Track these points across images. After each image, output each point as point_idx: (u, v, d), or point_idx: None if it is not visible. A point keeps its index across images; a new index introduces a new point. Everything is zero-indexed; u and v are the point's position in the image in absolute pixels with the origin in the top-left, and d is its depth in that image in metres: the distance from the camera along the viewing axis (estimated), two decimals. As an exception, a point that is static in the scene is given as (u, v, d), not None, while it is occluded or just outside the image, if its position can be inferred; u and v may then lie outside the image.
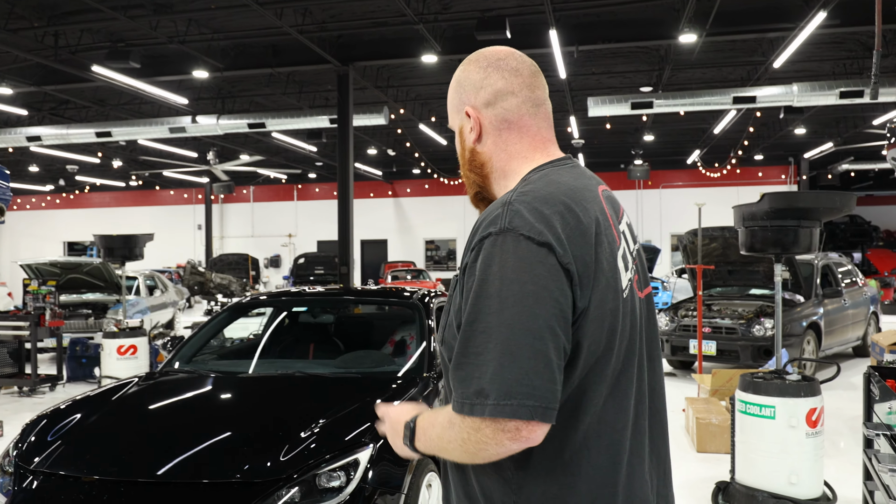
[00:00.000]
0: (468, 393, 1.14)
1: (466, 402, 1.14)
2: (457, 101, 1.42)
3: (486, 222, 1.23)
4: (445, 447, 1.22)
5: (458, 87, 1.42)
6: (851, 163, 23.91)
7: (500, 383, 1.11)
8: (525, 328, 1.12)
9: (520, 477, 1.22)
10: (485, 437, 1.13)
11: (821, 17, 9.95)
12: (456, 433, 1.17)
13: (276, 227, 32.18)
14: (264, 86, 15.96)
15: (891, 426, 2.19)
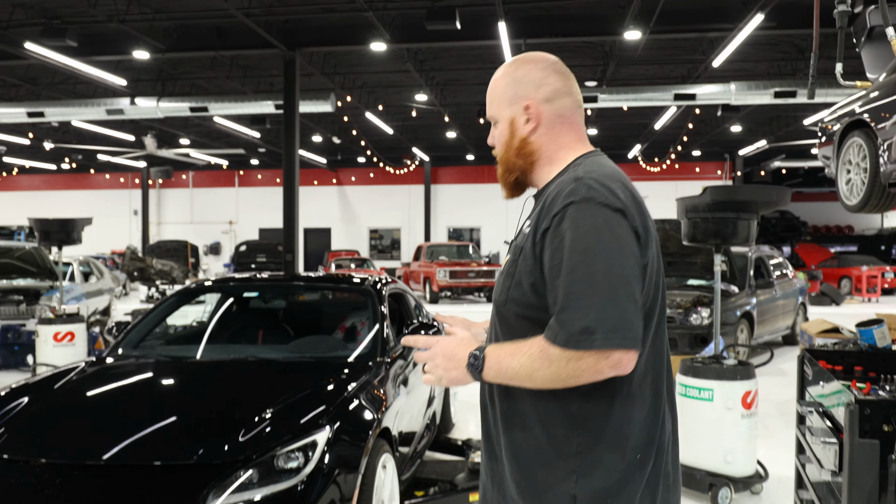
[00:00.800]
0: (574, 331, 1.34)
1: (572, 338, 1.34)
2: (511, 94, 1.61)
3: (563, 194, 1.44)
4: (530, 374, 1.40)
5: (513, 83, 1.61)
6: (783, 160, 24.92)
7: (604, 321, 1.33)
8: (618, 276, 1.36)
9: (585, 410, 1.43)
10: (584, 366, 1.35)
11: (758, 20, 10.34)
12: (551, 363, 1.37)
13: (217, 213, 31.54)
14: (207, 69, 15.61)
15: (822, 403, 2.35)
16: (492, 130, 1.70)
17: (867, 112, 5.33)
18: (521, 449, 1.51)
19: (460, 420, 6.16)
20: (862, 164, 5.46)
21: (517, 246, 1.55)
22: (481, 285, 18.79)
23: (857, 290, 19.33)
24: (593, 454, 1.43)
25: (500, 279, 1.60)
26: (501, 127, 1.65)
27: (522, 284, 1.50)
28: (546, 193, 1.55)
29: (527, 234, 1.52)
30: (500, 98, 1.64)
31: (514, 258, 1.54)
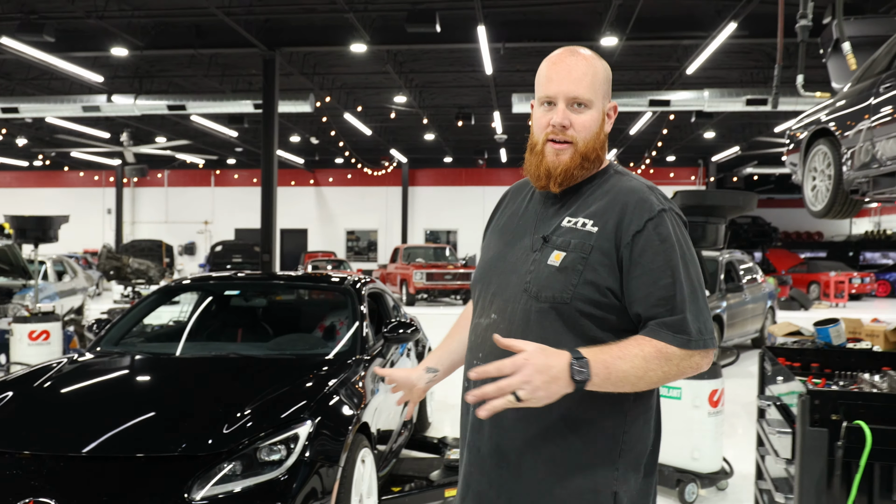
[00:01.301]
0: (694, 332, 1.46)
1: (693, 339, 1.46)
2: (606, 88, 1.62)
3: (648, 201, 1.53)
4: (642, 376, 1.43)
5: (607, 80, 1.63)
6: (755, 167, 25.39)
7: (708, 323, 1.50)
8: (702, 284, 1.53)
9: (635, 409, 1.53)
10: (694, 364, 1.47)
11: (731, 28, 10.59)
12: (668, 362, 1.45)
13: (192, 213, 31.29)
14: (185, 67, 15.54)
15: (779, 397, 2.49)
16: (566, 112, 1.57)
17: (832, 121, 5.54)
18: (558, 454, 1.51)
19: (436, 420, 6.26)
20: (827, 171, 5.67)
21: (579, 243, 1.52)
22: (458, 287, 18.89)
23: (826, 295, 19.76)
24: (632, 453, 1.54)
25: (552, 274, 1.52)
26: (594, 115, 1.59)
27: (597, 283, 1.49)
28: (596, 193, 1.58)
29: (593, 232, 1.51)
30: (600, 85, 1.59)
31: (580, 255, 1.51)
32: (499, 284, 1.62)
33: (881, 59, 5.23)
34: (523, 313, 1.54)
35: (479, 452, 1.60)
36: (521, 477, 1.52)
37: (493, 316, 1.60)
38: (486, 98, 18.07)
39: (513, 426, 1.54)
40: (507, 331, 1.53)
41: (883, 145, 4.81)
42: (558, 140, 1.57)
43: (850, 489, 1.91)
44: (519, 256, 1.61)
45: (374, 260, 30.52)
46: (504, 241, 1.68)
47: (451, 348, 1.85)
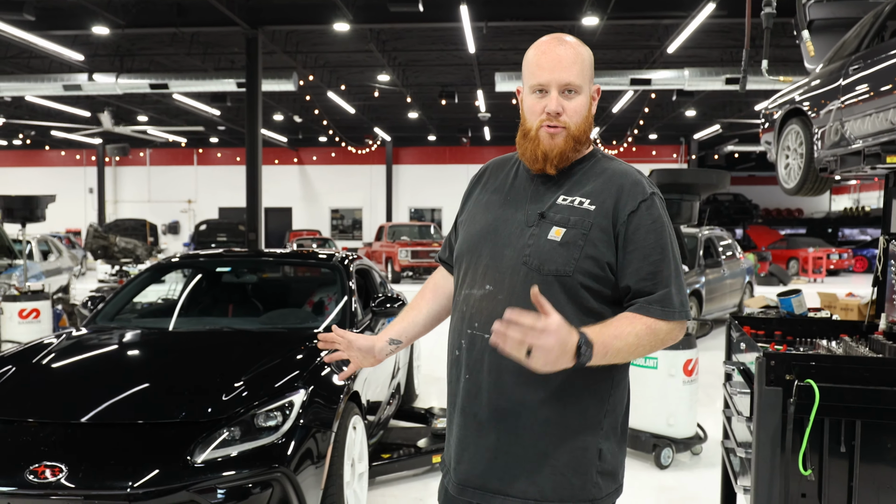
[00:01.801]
0: (677, 304, 1.63)
1: (677, 311, 1.63)
2: (590, 75, 1.72)
3: (641, 184, 1.68)
4: (632, 352, 1.59)
5: (591, 67, 1.73)
6: (736, 144, 25.66)
7: (685, 296, 1.67)
8: (680, 260, 1.70)
9: (618, 375, 1.70)
10: (673, 335, 1.64)
11: (710, 8, 10.73)
12: (656, 336, 1.61)
13: (175, 192, 31.13)
14: (167, 45, 15.44)
15: (742, 362, 2.68)
16: (559, 98, 1.67)
17: (805, 101, 5.72)
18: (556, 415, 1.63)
19: (423, 392, 6.45)
20: (799, 149, 5.86)
21: (578, 220, 1.64)
22: (443, 265, 19.05)
23: (804, 270, 20.15)
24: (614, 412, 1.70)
25: (554, 248, 1.62)
26: (583, 100, 1.69)
27: (597, 258, 1.62)
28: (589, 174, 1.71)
29: (591, 210, 1.64)
30: (588, 71, 1.70)
31: (580, 231, 1.63)
32: (492, 256, 1.68)
33: (851, 41, 5.41)
34: (523, 285, 1.60)
35: (476, 417, 1.67)
36: (518, 439, 1.62)
37: (489, 287, 1.66)
38: (470, 76, 18.11)
39: (512, 391, 1.62)
40: (507, 301, 1.59)
41: (851, 125, 5.00)
42: (552, 125, 1.66)
43: (802, 442, 2.11)
44: (513, 231, 1.67)
45: (359, 238, 30.60)
46: (493, 214, 1.73)
47: (416, 320, 1.93)
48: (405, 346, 1.94)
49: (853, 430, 2.13)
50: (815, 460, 2.16)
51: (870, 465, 2.13)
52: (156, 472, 2.67)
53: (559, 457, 1.62)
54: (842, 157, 5.01)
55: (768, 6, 4.03)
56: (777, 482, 2.14)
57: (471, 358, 1.68)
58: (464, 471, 1.71)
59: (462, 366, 1.71)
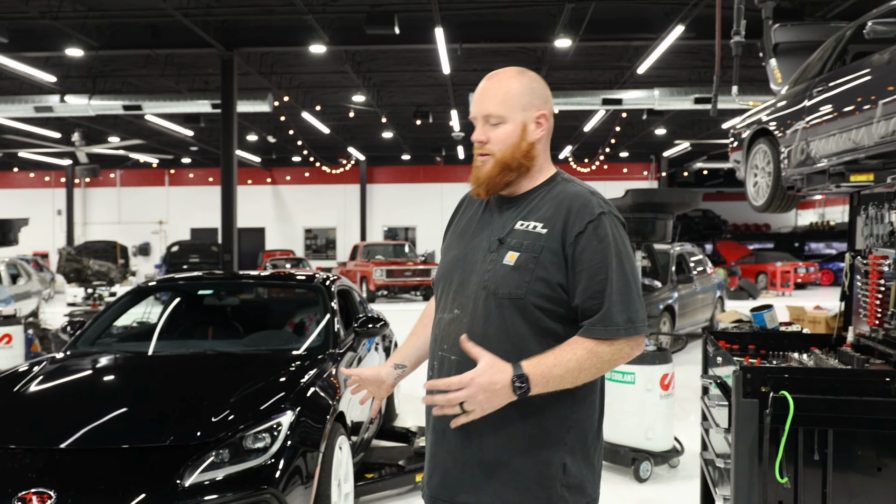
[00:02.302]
0: (622, 321, 1.64)
1: (621, 327, 1.63)
2: (525, 101, 1.77)
3: (591, 204, 1.71)
4: (576, 377, 1.63)
5: (529, 92, 1.78)
6: (704, 161, 26.17)
7: (638, 312, 1.67)
8: (636, 277, 1.72)
9: (581, 392, 1.71)
10: (624, 353, 1.66)
11: (679, 30, 11.03)
12: (599, 359, 1.63)
13: (146, 213, 30.83)
14: (141, 66, 15.40)
15: (719, 375, 2.78)
16: (483, 128, 1.78)
17: (771, 121, 5.92)
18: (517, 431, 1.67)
19: (403, 411, 6.48)
20: (767, 168, 6.05)
21: (531, 244, 1.70)
22: (418, 283, 19.09)
23: (773, 284, 20.55)
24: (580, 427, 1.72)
25: (508, 273, 1.70)
26: (510, 128, 1.76)
27: (548, 280, 1.68)
28: (545, 198, 1.76)
29: (543, 234, 1.70)
30: (514, 101, 1.76)
31: (531, 255, 1.69)
32: (460, 282, 1.79)
33: (815, 64, 5.62)
34: (484, 308, 1.71)
35: (445, 434, 1.75)
36: (483, 454, 1.69)
37: (456, 311, 1.77)
38: (444, 96, 18.30)
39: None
40: (469, 325, 1.72)
41: (816, 145, 5.19)
42: (482, 153, 1.78)
43: (778, 451, 2.20)
44: (477, 257, 1.77)
45: (333, 258, 30.52)
46: (463, 242, 1.84)
47: (417, 344, 2.00)
48: (410, 371, 2.00)
49: (826, 439, 2.23)
50: (790, 469, 2.25)
51: (842, 472, 2.23)
52: (144, 496, 2.68)
53: (522, 470, 1.68)
54: (808, 175, 5.19)
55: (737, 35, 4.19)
56: (755, 491, 2.23)
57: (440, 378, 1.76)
58: (434, 484, 1.79)
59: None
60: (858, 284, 2.86)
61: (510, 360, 1.64)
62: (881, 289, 2.62)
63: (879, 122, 4.47)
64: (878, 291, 2.66)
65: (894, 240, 2.52)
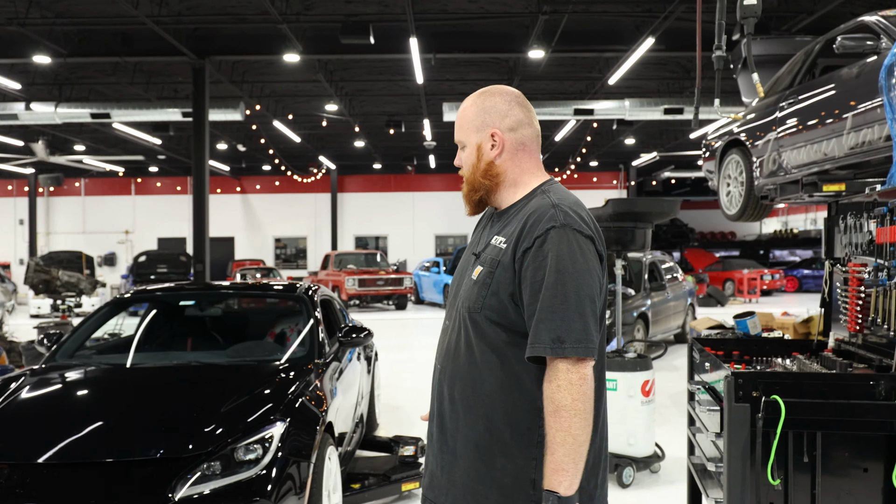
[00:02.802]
0: (548, 340, 1.57)
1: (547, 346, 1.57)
2: (479, 122, 1.80)
3: (544, 218, 1.66)
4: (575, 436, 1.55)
5: (481, 112, 1.80)
6: (672, 171, 26.61)
7: (568, 333, 1.57)
8: (586, 294, 1.60)
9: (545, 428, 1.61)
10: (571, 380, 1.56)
11: (649, 42, 11.23)
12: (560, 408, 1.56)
13: (112, 222, 30.34)
14: (109, 74, 15.19)
15: (706, 381, 2.84)
16: (459, 153, 1.87)
17: (743, 132, 6.07)
18: (483, 440, 1.69)
19: (384, 421, 6.47)
20: (739, 178, 6.20)
21: (492, 259, 1.72)
22: (390, 293, 19.07)
23: (740, 291, 20.94)
24: None
25: (471, 287, 1.74)
26: (469, 151, 1.82)
27: (500, 294, 1.67)
28: (518, 213, 1.74)
29: (502, 249, 1.70)
30: (469, 125, 1.81)
31: (489, 269, 1.71)
32: (454, 295, 1.86)
33: (785, 77, 5.79)
34: (457, 321, 1.78)
35: (432, 438, 1.83)
36: (456, 461, 1.74)
37: (447, 322, 1.86)
38: (416, 106, 18.35)
39: (449, 416, 1.77)
40: (450, 336, 1.81)
41: (787, 155, 5.34)
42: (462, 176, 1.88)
43: (770, 454, 2.26)
44: (468, 272, 1.82)
45: (304, 267, 30.33)
46: (466, 257, 1.90)
47: None
48: None
49: (814, 442, 2.30)
50: (780, 471, 2.32)
51: (830, 473, 2.31)
52: (136, 509, 2.65)
53: (489, 482, 1.69)
54: (781, 185, 5.33)
55: (719, 49, 4.30)
56: (748, 493, 2.29)
57: (434, 386, 1.87)
58: (425, 486, 1.87)
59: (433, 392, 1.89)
60: (838, 291, 2.95)
61: (474, 372, 1.70)
62: (861, 295, 2.71)
63: (849, 134, 4.62)
64: (858, 298, 2.74)
65: (874, 248, 2.61)
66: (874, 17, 4.64)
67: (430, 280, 20.08)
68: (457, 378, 1.76)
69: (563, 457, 1.55)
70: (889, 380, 2.28)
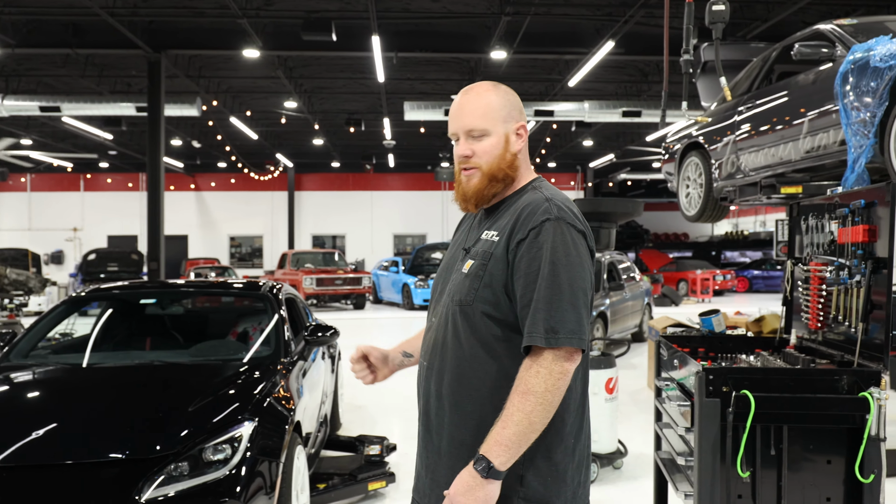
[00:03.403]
0: (541, 330, 1.58)
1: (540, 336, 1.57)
2: (506, 113, 1.80)
3: (538, 211, 1.68)
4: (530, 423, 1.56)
5: (508, 104, 1.81)
6: (628, 173, 27.07)
7: (562, 324, 1.58)
8: (579, 287, 1.62)
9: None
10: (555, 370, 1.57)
11: (609, 46, 11.41)
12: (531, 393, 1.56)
13: (59, 219, 29.48)
14: (59, 66, 14.73)
15: (674, 378, 2.90)
16: (467, 142, 1.79)
17: (702, 136, 6.21)
18: (469, 438, 1.67)
19: (347, 420, 6.43)
20: (698, 180, 6.34)
21: (484, 252, 1.73)
22: (348, 292, 18.94)
23: (693, 291, 21.41)
24: (542, 440, 1.62)
25: (462, 280, 1.74)
26: (493, 140, 1.77)
27: (493, 286, 1.68)
28: (510, 208, 1.76)
29: (495, 242, 1.72)
30: (495, 114, 1.78)
31: (482, 262, 1.72)
32: (440, 293, 1.85)
33: (743, 82, 5.94)
34: (446, 316, 1.77)
35: (421, 437, 1.83)
36: (442, 459, 1.73)
37: (433, 320, 1.84)
38: (376, 104, 18.28)
39: (436, 414, 1.77)
40: (436, 333, 1.79)
41: (745, 158, 5.48)
42: (466, 167, 1.79)
43: (739, 447, 2.32)
44: (455, 267, 1.83)
45: (260, 266, 29.94)
46: (451, 254, 1.90)
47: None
48: (414, 364, 2.03)
49: (781, 435, 2.37)
50: (749, 464, 2.38)
51: (796, 465, 2.38)
52: (100, 512, 2.58)
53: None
54: (740, 187, 5.47)
55: (686, 53, 4.39)
56: (718, 485, 2.34)
57: (420, 383, 1.86)
58: (413, 487, 1.87)
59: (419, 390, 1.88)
60: (800, 290, 3.04)
61: (463, 367, 1.69)
62: (823, 294, 2.80)
63: (805, 138, 4.77)
64: (819, 297, 2.83)
65: (835, 248, 2.69)
66: (829, 25, 4.79)
67: (388, 279, 20.02)
68: (444, 373, 1.75)
69: (513, 435, 1.56)
70: (852, 374, 2.36)
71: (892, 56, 3.82)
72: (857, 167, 4.10)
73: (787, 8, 10.34)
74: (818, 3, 10.58)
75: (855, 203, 2.55)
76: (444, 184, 28.31)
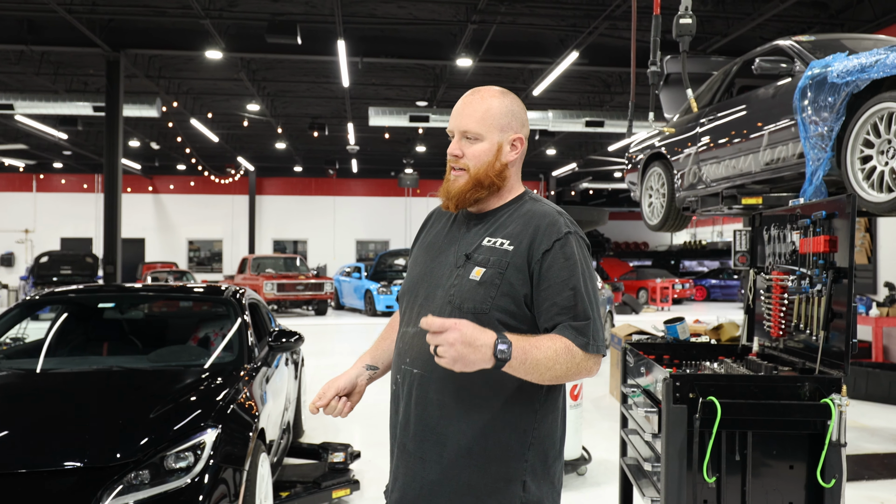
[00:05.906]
0: (590, 338, 1.67)
1: (592, 344, 1.66)
2: (504, 122, 1.80)
3: (559, 223, 1.75)
4: (551, 366, 1.61)
5: (509, 114, 1.80)
6: (590, 182, 27.40)
7: (601, 333, 1.71)
8: (598, 298, 1.75)
9: (543, 409, 1.73)
10: (588, 366, 1.68)
11: (573, 56, 11.55)
12: (573, 358, 1.64)
13: (10, 220, 28.62)
14: (13, 63, 14.32)
15: (640, 384, 2.94)
16: (459, 143, 1.79)
17: (664, 146, 6.32)
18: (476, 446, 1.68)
19: (310, 427, 6.35)
20: (661, 190, 6.45)
21: (497, 260, 1.72)
22: (310, 298, 18.76)
23: (653, 299, 21.74)
24: (540, 444, 1.71)
25: (474, 287, 1.71)
26: (485, 146, 1.78)
27: (513, 296, 1.69)
28: (512, 216, 1.78)
29: (509, 251, 1.72)
30: (493, 121, 1.78)
31: (498, 271, 1.71)
32: (425, 297, 1.78)
33: (704, 94, 6.07)
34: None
35: (406, 448, 1.75)
36: (442, 469, 1.69)
37: (417, 327, 1.75)
38: (340, 109, 18.18)
39: (436, 423, 1.71)
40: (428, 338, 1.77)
41: (707, 169, 5.60)
42: (455, 167, 1.79)
43: (705, 453, 2.35)
44: (444, 272, 1.77)
45: (219, 271, 29.46)
46: (430, 257, 1.84)
47: (385, 347, 1.98)
48: (381, 375, 1.98)
49: (745, 441, 2.41)
50: (714, 469, 2.42)
51: (759, 470, 2.42)
52: (57, 523, 2.49)
53: (482, 488, 1.68)
54: (702, 197, 5.58)
55: (654, 65, 4.46)
56: (684, 491, 2.37)
57: (403, 391, 1.78)
58: (395, 499, 1.78)
59: (398, 399, 1.80)
60: (762, 299, 3.11)
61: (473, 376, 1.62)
62: (785, 303, 2.86)
63: (765, 150, 4.89)
64: (781, 305, 2.90)
65: (797, 258, 2.76)
66: (788, 41, 4.93)
67: (351, 285, 19.88)
68: (448, 381, 1.69)
69: (538, 355, 1.59)
70: (814, 381, 2.41)
71: (849, 72, 3.95)
72: (815, 179, 4.23)
73: (746, 24, 10.62)
74: (775, 20, 10.87)
75: (816, 214, 2.62)
76: (408, 190, 28.30)
